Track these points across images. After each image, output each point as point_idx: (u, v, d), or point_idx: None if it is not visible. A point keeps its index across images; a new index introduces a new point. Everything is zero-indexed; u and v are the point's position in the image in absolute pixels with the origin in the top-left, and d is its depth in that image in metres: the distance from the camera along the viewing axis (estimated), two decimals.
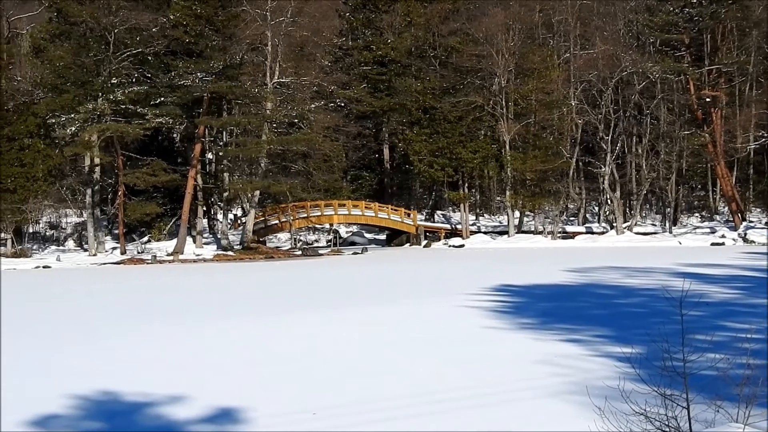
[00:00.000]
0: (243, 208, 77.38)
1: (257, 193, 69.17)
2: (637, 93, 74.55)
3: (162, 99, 65.69)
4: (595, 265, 45.85)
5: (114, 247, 66.56)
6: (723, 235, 69.62)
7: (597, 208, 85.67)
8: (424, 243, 75.33)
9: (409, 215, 77.53)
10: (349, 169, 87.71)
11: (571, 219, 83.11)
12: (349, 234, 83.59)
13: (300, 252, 70.42)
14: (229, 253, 65.79)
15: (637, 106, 76.45)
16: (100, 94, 63.77)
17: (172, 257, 63.35)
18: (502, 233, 77.82)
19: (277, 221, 72.79)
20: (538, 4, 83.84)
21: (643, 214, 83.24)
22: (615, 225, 74.46)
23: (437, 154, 76.03)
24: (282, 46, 69.57)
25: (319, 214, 72.90)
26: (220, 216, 74.35)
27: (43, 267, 58.41)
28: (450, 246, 73.68)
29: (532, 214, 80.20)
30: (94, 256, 63.84)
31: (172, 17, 65.42)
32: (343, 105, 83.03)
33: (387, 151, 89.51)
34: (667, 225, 76.40)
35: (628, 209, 78.83)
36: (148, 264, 61.22)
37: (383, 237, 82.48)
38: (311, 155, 72.83)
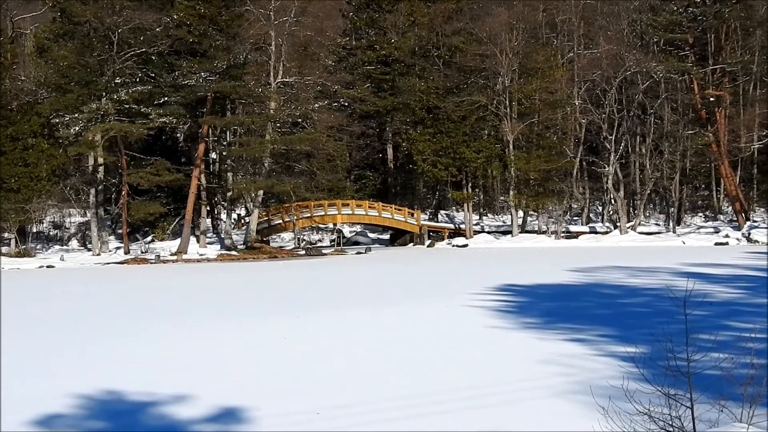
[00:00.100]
0: (246, 208, 77.32)
1: (261, 192, 69.23)
2: (640, 92, 74.49)
3: (166, 99, 65.74)
4: (599, 264, 45.84)
5: (118, 247, 66.60)
6: (727, 235, 69.54)
7: (601, 208, 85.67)
8: (427, 243, 75.32)
9: (412, 215, 77.53)
10: (352, 169, 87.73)
11: (575, 219, 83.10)
12: (353, 234, 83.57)
13: (303, 252, 70.45)
14: (233, 252, 65.82)
15: (641, 106, 76.45)
16: (104, 94, 63.83)
17: (175, 257, 63.37)
18: (505, 233, 77.79)
19: (280, 221, 72.81)
20: (542, 4, 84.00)
21: (647, 214, 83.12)
22: (619, 225, 74.39)
23: (441, 153, 76.03)
24: (285, 46, 69.64)
25: (322, 213, 72.92)
26: (223, 216, 74.40)
27: (47, 267, 58.44)
28: (453, 246, 73.65)
29: (536, 214, 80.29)
30: (97, 255, 63.90)
31: (175, 17, 65.45)
32: (346, 104, 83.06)
33: (390, 150, 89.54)
34: (670, 225, 76.30)
35: (631, 209, 78.86)
36: (151, 264, 61.25)
37: (387, 237, 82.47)
38: (315, 155, 72.88)
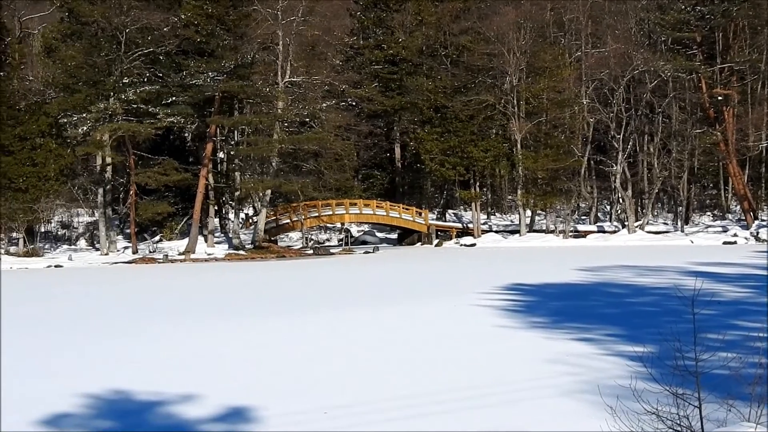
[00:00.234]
0: (254, 207, 77.40)
1: (268, 192, 69.21)
2: (648, 91, 74.33)
3: (173, 98, 65.79)
4: (607, 264, 45.79)
5: (126, 247, 66.66)
6: (735, 234, 69.41)
7: (608, 207, 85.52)
8: (435, 242, 75.30)
9: (420, 214, 77.48)
10: (360, 168, 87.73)
11: (583, 218, 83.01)
12: (361, 233, 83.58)
13: (311, 251, 70.45)
14: (241, 252, 65.83)
15: (649, 105, 76.29)
16: (112, 94, 63.88)
17: (183, 256, 63.41)
18: (513, 232, 77.73)
19: (288, 220, 72.80)
20: (550, 3, 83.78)
21: (655, 213, 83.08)
22: (627, 224, 74.26)
23: (448, 152, 75.96)
24: (293, 45, 69.62)
25: (330, 213, 72.90)
26: (231, 215, 74.43)
27: (55, 266, 58.52)
28: (461, 245, 73.62)
29: (544, 213, 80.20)
30: (105, 255, 63.98)
31: (183, 17, 65.51)
32: (354, 104, 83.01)
33: (398, 150, 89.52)
34: (678, 224, 76.14)
35: (639, 208, 78.72)
36: (159, 263, 61.29)
37: (395, 236, 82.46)
38: (322, 154, 72.94)
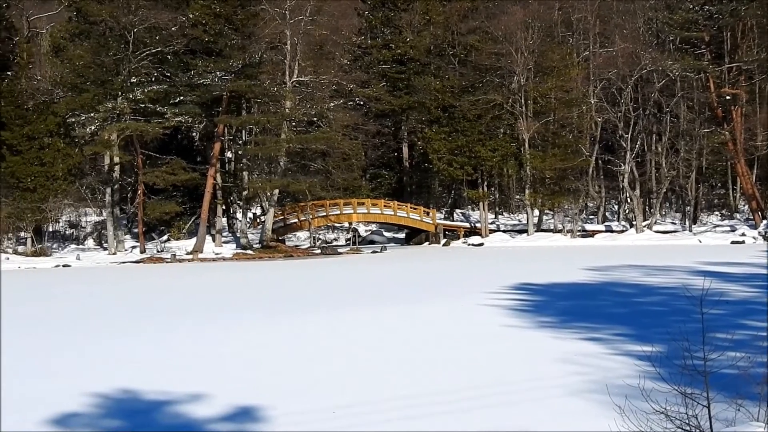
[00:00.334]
0: (262, 207, 77.44)
1: (276, 191, 69.24)
2: (656, 91, 74.27)
3: (181, 98, 65.87)
4: (615, 263, 45.72)
5: (134, 246, 66.75)
6: (743, 234, 69.33)
7: (616, 207, 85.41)
8: (443, 242, 75.27)
9: (428, 214, 77.45)
10: (368, 168, 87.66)
11: (591, 217, 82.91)
12: (368, 232, 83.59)
13: (319, 251, 70.51)
14: (249, 251, 65.86)
15: (657, 104, 76.19)
16: (120, 93, 63.98)
17: (191, 256, 63.46)
18: (521, 232, 77.66)
19: (296, 220, 72.83)
20: (558, 3, 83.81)
21: (663, 213, 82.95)
22: (635, 223, 74.18)
23: (456, 152, 75.91)
24: (301, 45, 69.65)
25: (338, 212, 72.92)
26: (239, 215, 74.45)
27: (63, 266, 58.64)
28: (469, 244, 73.60)
29: (552, 213, 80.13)
30: (113, 254, 64.06)
31: (191, 16, 65.58)
32: (362, 103, 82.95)
33: (406, 149, 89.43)
34: (686, 223, 76.07)
35: (647, 207, 78.56)
36: (167, 263, 61.38)
37: (402, 235, 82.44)
38: (330, 154, 72.89)
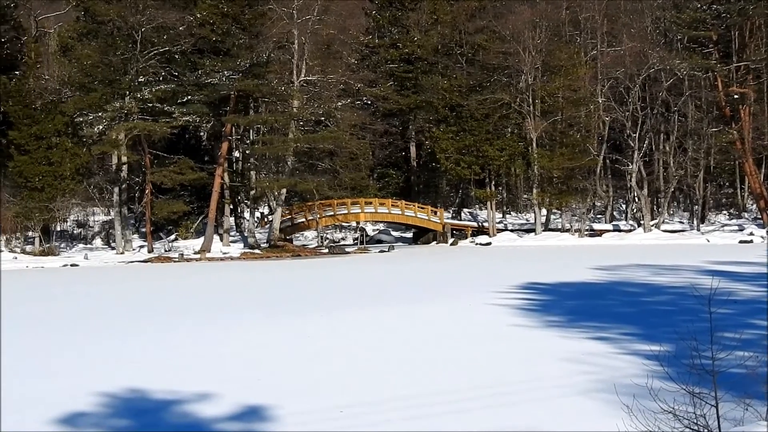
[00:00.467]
0: (270, 206, 77.53)
1: (284, 191, 69.27)
2: (664, 90, 74.20)
3: (189, 97, 65.89)
4: (623, 263, 45.67)
5: (141, 246, 66.79)
6: (751, 233, 69.23)
7: (624, 206, 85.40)
8: (450, 241, 75.28)
9: (435, 213, 77.47)
10: (375, 167, 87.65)
11: (599, 217, 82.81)
12: (376, 232, 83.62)
13: (327, 250, 70.52)
14: (256, 251, 65.90)
15: (665, 103, 76.12)
16: (128, 93, 64.04)
17: (199, 255, 63.48)
18: (529, 231, 77.64)
19: (303, 219, 72.86)
20: (565, 2, 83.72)
21: (671, 212, 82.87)
22: (642, 223, 74.10)
23: (464, 151, 75.89)
24: (308, 44, 69.72)
25: (345, 212, 72.96)
26: (246, 214, 74.46)
27: (71, 265, 58.67)
28: (477, 244, 73.56)
29: (559, 212, 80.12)
30: (121, 254, 64.12)
31: (198, 15, 65.54)
32: (369, 103, 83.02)
33: (413, 148, 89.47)
34: (694, 222, 75.96)
35: (655, 207, 78.54)
36: (175, 262, 61.40)
37: (410, 235, 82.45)
38: (338, 153, 72.92)
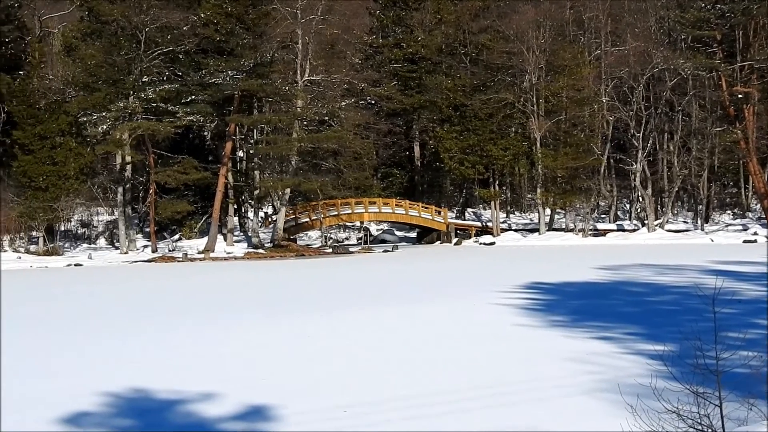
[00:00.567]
0: (274, 206, 77.45)
1: (288, 190, 69.25)
2: (668, 90, 74.08)
3: (193, 97, 65.96)
4: (627, 262, 45.64)
5: (145, 245, 66.81)
6: (755, 233, 69.14)
7: (628, 206, 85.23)
8: (454, 241, 75.22)
9: (439, 213, 77.41)
10: (379, 167, 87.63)
11: (602, 216, 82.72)
12: (380, 232, 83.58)
13: (330, 250, 70.53)
14: (260, 251, 65.90)
15: (669, 103, 76.03)
16: (132, 93, 64.10)
17: (203, 255, 63.49)
18: (533, 231, 77.58)
19: (307, 219, 72.83)
20: (569, 1, 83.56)
21: (675, 212, 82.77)
22: (646, 222, 74.04)
23: (468, 151, 75.88)
24: (312, 44, 69.68)
25: (349, 211, 72.91)
26: (250, 214, 74.52)
27: (75, 265, 58.71)
28: (481, 243, 73.56)
29: (563, 212, 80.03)
30: (125, 254, 64.16)
31: (202, 15, 65.62)
32: (373, 102, 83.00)
33: (417, 148, 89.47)
34: (698, 222, 75.88)
35: (659, 206, 78.44)
36: (179, 262, 61.42)
37: (414, 235, 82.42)
38: (342, 153, 72.93)
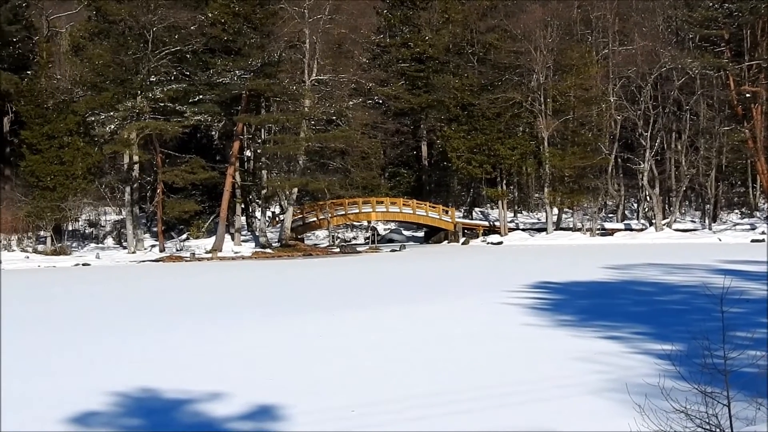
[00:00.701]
0: (281, 206, 77.52)
1: (295, 190, 69.30)
2: (676, 89, 74.02)
3: (200, 97, 65.99)
4: (634, 262, 45.58)
5: (153, 245, 66.88)
6: (763, 232, 69.00)
7: (636, 205, 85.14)
8: (462, 240, 75.22)
9: (447, 212, 77.40)
10: (387, 166, 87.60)
11: (610, 216, 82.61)
12: (387, 231, 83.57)
13: (338, 249, 70.48)
14: (268, 250, 65.92)
15: (677, 102, 75.96)
16: (139, 92, 64.14)
17: (210, 255, 63.53)
18: (540, 230, 77.55)
19: (315, 218, 72.88)
20: (577, 1, 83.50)
21: (683, 211, 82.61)
22: (654, 222, 73.97)
23: (475, 150, 75.82)
24: (320, 44, 69.72)
25: (357, 211, 72.96)
26: (258, 213, 74.54)
27: (83, 264, 58.82)
28: (488, 243, 73.53)
29: (571, 211, 79.94)
30: (133, 253, 64.20)
31: (210, 15, 65.64)
32: (381, 102, 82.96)
33: (425, 148, 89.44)
34: (706, 222, 75.82)
35: (667, 206, 78.35)
36: (186, 261, 61.48)
37: (421, 234, 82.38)
38: (349, 152, 72.99)
